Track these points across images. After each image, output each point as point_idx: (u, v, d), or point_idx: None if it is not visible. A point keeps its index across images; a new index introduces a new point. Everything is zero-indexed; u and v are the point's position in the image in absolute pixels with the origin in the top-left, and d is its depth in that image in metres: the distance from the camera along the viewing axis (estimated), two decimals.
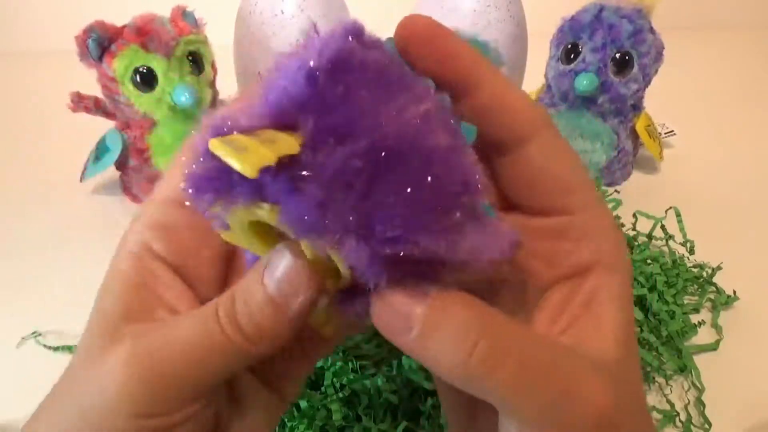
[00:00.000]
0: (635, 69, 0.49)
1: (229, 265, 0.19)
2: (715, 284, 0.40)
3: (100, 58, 0.46)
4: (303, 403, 0.28)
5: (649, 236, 0.43)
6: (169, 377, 0.14)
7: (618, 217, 0.44)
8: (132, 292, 0.16)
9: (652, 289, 0.37)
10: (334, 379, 0.28)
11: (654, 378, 0.32)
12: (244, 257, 0.17)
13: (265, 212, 0.12)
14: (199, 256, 0.18)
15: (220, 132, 0.12)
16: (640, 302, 0.36)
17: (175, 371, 0.14)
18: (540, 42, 0.57)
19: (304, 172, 0.12)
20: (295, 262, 0.14)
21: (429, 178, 0.12)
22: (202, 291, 0.18)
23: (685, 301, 0.38)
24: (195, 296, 0.17)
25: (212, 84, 0.51)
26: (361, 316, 0.14)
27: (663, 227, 0.43)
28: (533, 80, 0.62)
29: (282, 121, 0.13)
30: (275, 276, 0.14)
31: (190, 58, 0.48)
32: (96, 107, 0.50)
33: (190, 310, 0.17)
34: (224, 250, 0.18)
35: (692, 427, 0.30)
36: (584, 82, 0.48)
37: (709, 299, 0.39)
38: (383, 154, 0.12)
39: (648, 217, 0.44)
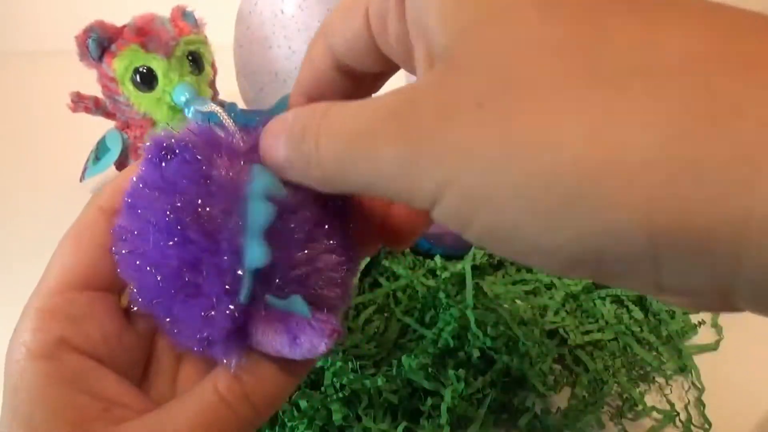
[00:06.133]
0: None
1: (149, 342, 0.18)
2: None
3: (100, 58, 0.46)
4: (303, 403, 0.28)
5: None
6: None
7: None
8: (71, 401, 0.14)
9: None
10: (334, 379, 0.28)
11: (654, 378, 0.32)
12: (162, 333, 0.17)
13: None
14: (123, 342, 0.16)
15: None
16: (640, 302, 0.36)
17: None
18: None
19: None
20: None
21: None
22: (129, 373, 0.16)
23: None
24: (127, 381, 0.16)
25: (212, 84, 0.51)
26: None
27: None
28: None
29: None
30: (301, 346, 0.15)
31: (190, 58, 0.48)
32: (96, 107, 0.50)
33: (146, 401, 0.16)
34: (146, 329, 0.17)
35: (692, 427, 0.30)
36: None
37: None
38: None
39: None
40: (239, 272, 0.14)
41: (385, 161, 0.11)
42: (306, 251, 0.15)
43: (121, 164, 0.51)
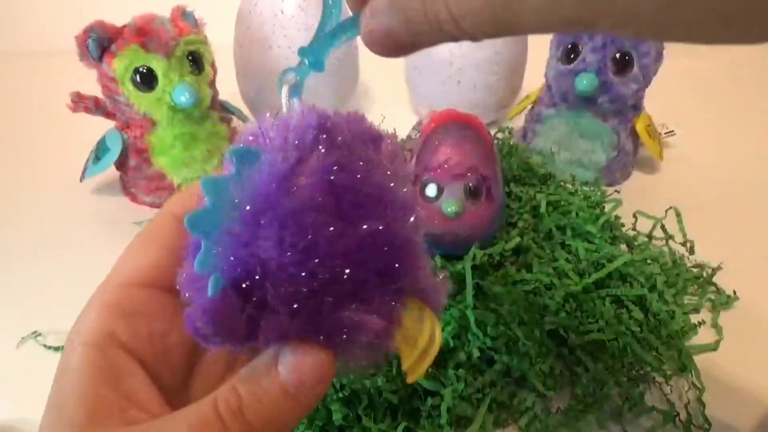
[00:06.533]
0: (635, 69, 0.49)
1: (194, 351, 0.18)
2: (715, 284, 0.40)
3: (100, 58, 0.46)
4: None
5: (649, 236, 0.43)
6: None
7: (618, 217, 0.44)
8: (98, 392, 0.15)
9: (652, 289, 0.37)
10: (334, 379, 0.28)
11: (654, 378, 0.32)
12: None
13: None
14: (166, 343, 0.17)
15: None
16: (640, 302, 0.36)
17: None
18: (540, 42, 0.57)
19: None
20: (320, 354, 0.14)
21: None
22: (167, 379, 0.17)
23: (685, 301, 0.38)
24: (159, 388, 0.16)
25: (212, 84, 0.51)
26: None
27: (663, 227, 0.43)
28: (533, 80, 0.62)
29: None
30: (296, 368, 0.14)
31: (190, 58, 0.48)
32: (96, 107, 0.50)
33: (165, 410, 0.16)
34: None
35: (692, 427, 0.30)
36: (584, 82, 0.48)
37: (709, 299, 0.39)
38: None
39: (648, 217, 0.44)
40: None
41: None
42: (253, 235, 0.14)
43: (121, 164, 0.51)
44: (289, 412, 0.14)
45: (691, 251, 0.41)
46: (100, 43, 0.45)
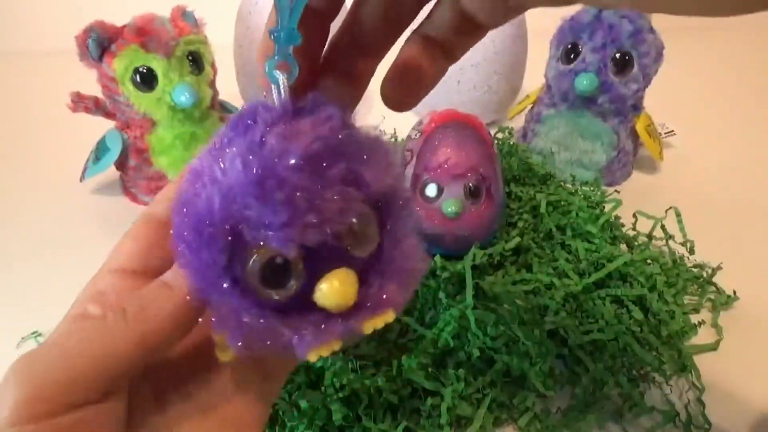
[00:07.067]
0: (635, 69, 0.49)
1: None
2: (715, 284, 0.40)
3: (100, 58, 0.46)
4: (303, 404, 0.28)
5: (649, 236, 0.43)
6: (49, 380, 0.15)
7: (618, 217, 0.44)
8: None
9: (652, 289, 0.37)
10: (334, 379, 0.28)
11: (654, 378, 0.32)
12: None
13: None
14: None
15: None
16: (640, 302, 0.36)
17: (54, 373, 0.15)
18: (540, 42, 0.57)
19: None
20: None
21: None
22: None
23: (685, 301, 0.38)
24: None
25: (212, 84, 0.51)
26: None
27: (663, 227, 0.43)
28: (533, 80, 0.62)
29: None
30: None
31: (190, 57, 0.48)
32: (96, 107, 0.50)
33: None
34: None
35: (692, 427, 0.30)
36: (584, 82, 0.48)
37: (709, 299, 0.39)
38: None
39: (648, 217, 0.44)
40: None
41: None
42: None
43: (121, 164, 0.51)
44: (161, 300, 0.16)
45: (691, 251, 0.41)
46: (100, 43, 0.45)
